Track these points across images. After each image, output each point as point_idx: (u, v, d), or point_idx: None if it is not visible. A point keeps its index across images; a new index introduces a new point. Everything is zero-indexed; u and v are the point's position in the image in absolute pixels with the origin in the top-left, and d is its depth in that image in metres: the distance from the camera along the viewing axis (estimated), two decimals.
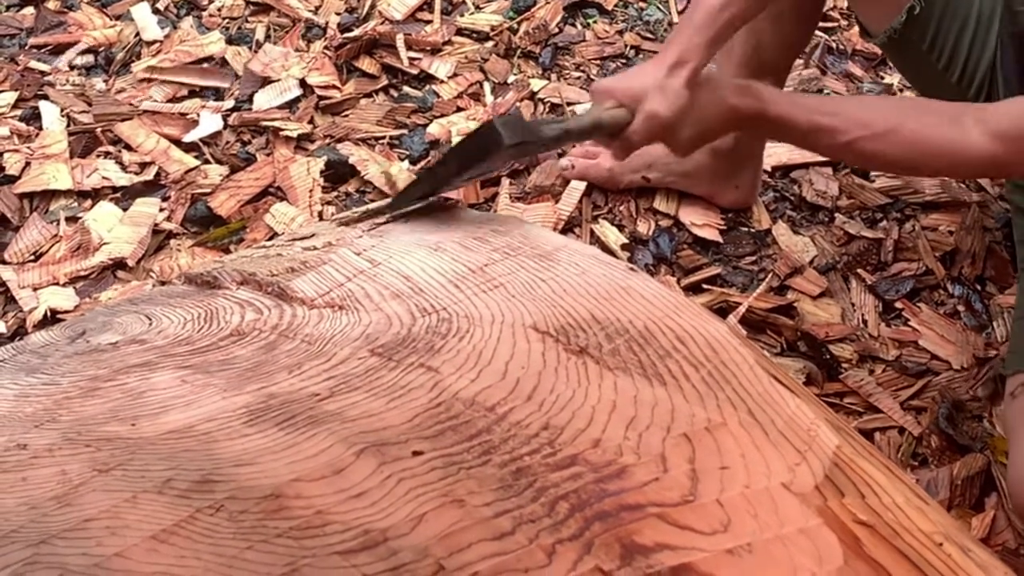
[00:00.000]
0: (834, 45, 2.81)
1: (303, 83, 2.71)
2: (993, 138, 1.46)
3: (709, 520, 0.79)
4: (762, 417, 0.90)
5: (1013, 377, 1.66)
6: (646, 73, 1.56)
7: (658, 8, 3.07)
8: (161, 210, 2.36)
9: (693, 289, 2.08)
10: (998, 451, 1.76)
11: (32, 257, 2.27)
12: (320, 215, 2.30)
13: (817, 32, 2.65)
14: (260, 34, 2.93)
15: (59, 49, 2.90)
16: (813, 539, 0.78)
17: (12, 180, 2.45)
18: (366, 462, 0.87)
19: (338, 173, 2.45)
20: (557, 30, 2.93)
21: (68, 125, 2.60)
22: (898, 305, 2.06)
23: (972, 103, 1.61)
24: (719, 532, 0.78)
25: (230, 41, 2.90)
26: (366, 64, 2.81)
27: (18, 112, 2.67)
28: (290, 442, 0.92)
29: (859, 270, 2.13)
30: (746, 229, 2.24)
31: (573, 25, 2.94)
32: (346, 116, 2.64)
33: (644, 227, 2.20)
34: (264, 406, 0.99)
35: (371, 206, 1.63)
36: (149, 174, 2.46)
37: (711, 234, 2.20)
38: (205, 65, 2.82)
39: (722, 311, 2.00)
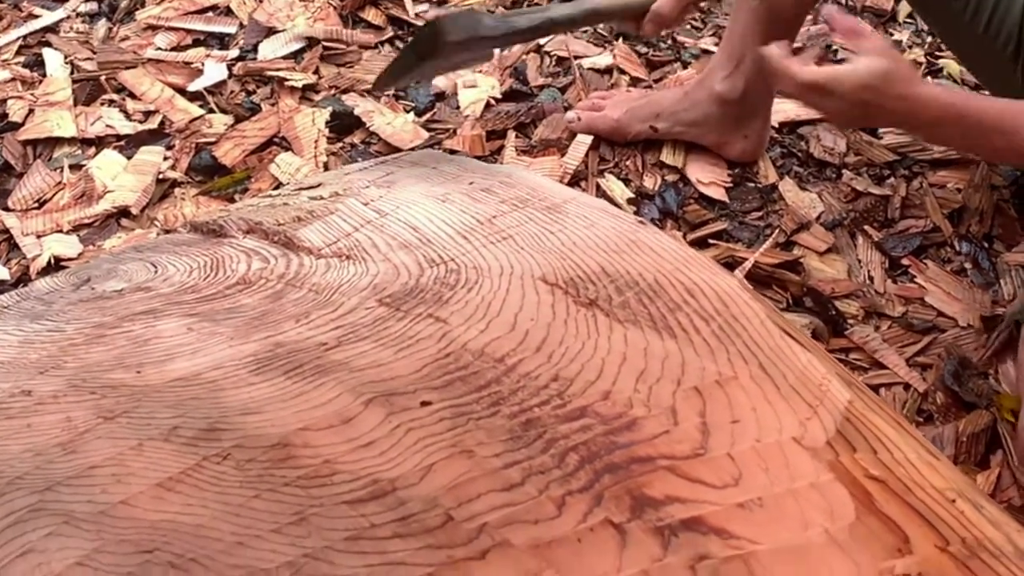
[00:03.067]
0: (843, 1, 2.78)
1: (308, 34, 2.69)
2: None
3: (720, 474, 0.78)
4: (773, 371, 0.90)
5: None
6: None
7: None
8: (165, 159, 2.35)
9: (699, 244, 2.07)
10: (1004, 408, 1.75)
11: (35, 204, 2.26)
12: (325, 166, 2.29)
13: None
14: None
15: None
16: (824, 494, 0.77)
17: (15, 127, 2.44)
18: (374, 412, 0.86)
19: (343, 124, 2.43)
20: None
21: (72, 72, 2.59)
22: (905, 262, 2.05)
23: None
24: (730, 486, 0.78)
25: None
26: (371, 15, 2.79)
27: (21, 59, 2.66)
28: (297, 391, 0.91)
29: (866, 227, 2.12)
30: (753, 184, 2.23)
31: None
32: (351, 67, 2.63)
33: (650, 182, 2.18)
34: (271, 355, 0.98)
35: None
36: (153, 123, 2.45)
37: (717, 192, 2.19)
38: (210, 14, 2.80)
39: (728, 266, 1.99)
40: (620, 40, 2.72)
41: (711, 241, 2.08)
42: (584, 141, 2.25)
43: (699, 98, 2.15)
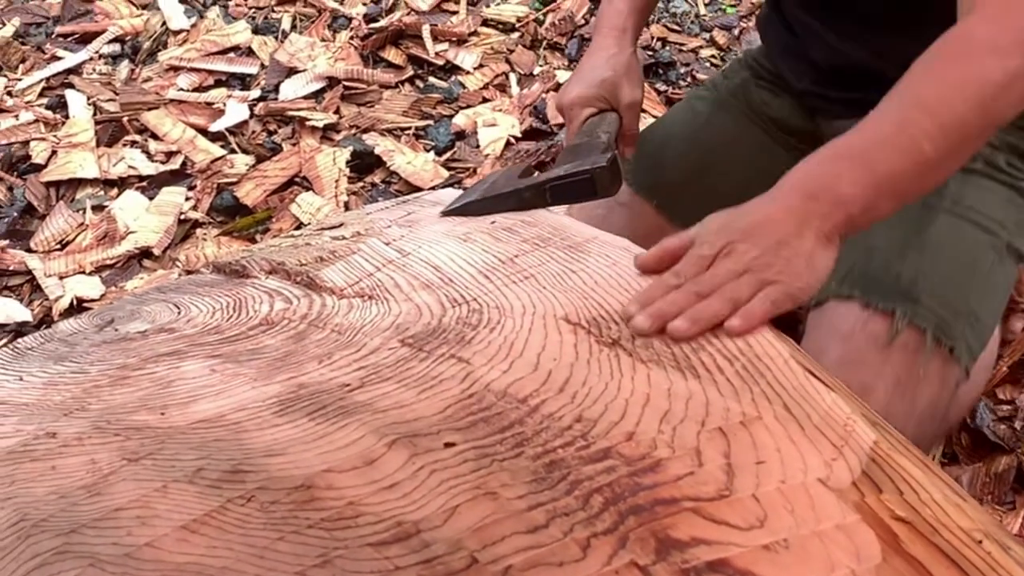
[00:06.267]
0: None
1: (329, 73, 2.71)
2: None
3: (745, 515, 0.78)
4: (797, 412, 0.89)
5: None
6: (596, 65, 1.59)
7: (685, 0, 3.06)
8: (187, 199, 2.37)
9: None
10: None
11: (58, 245, 2.27)
12: (346, 205, 2.30)
13: None
14: (286, 24, 2.93)
15: (86, 38, 2.90)
16: (851, 535, 0.77)
17: (39, 168, 2.46)
18: (398, 453, 0.86)
19: (364, 163, 2.45)
20: (583, 21, 2.92)
21: (95, 114, 2.61)
22: None
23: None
24: (755, 527, 0.77)
25: (256, 31, 2.90)
26: (392, 55, 2.81)
27: (44, 100, 2.68)
28: (321, 432, 0.91)
29: None
30: None
31: None
32: (372, 106, 2.64)
33: None
34: (294, 396, 0.99)
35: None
36: (175, 163, 2.46)
37: None
38: (231, 55, 2.82)
39: None
40: None
41: None
42: None
43: None
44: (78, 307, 2.09)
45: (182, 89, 2.70)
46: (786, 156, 1.70)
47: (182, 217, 2.32)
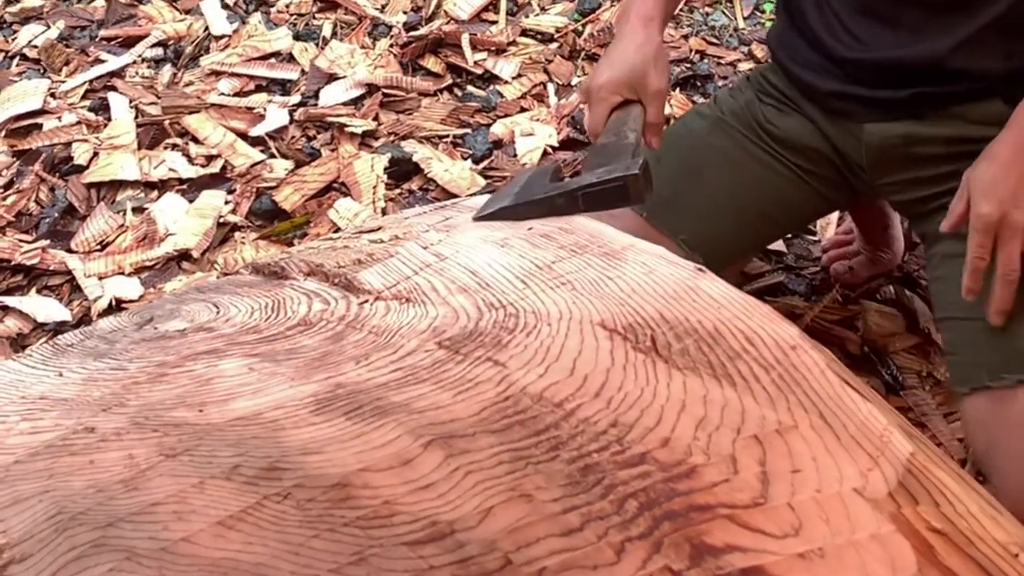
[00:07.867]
0: None
1: (368, 80, 2.72)
2: None
3: (780, 523, 0.78)
4: (834, 421, 0.89)
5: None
6: (626, 51, 1.58)
7: (724, 13, 3.06)
8: (226, 203, 2.38)
9: (756, 296, 2.06)
10: None
11: (98, 246, 2.29)
12: (383, 211, 2.31)
13: None
14: (327, 31, 2.95)
15: (129, 42, 2.93)
16: (886, 546, 0.77)
17: (80, 170, 2.48)
18: (433, 454, 0.87)
19: (402, 170, 2.46)
20: None
21: (136, 116, 2.63)
22: None
23: None
24: (790, 536, 0.77)
25: (297, 37, 2.92)
26: (431, 63, 2.82)
27: (87, 102, 2.70)
28: (357, 432, 0.91)
29: (925, 280, 2.10)
30: (812, 238, 2.22)
31: None
32: (410, 114, 2.65)
33: None
34: (331, 395, 0.99)
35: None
36: (215, 167, 2.48)
37: (776, 244, 2.18)
38: (272, 60, 2.84)
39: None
40: (677, 90, 2.73)
41: (768, 298, 2.06)
42: None
43: None
44: (117, 307, 2.10)
45: (223, 94, 2.72)
46: (785, 172, 1.70)
47: (221, 220, 2.33)
